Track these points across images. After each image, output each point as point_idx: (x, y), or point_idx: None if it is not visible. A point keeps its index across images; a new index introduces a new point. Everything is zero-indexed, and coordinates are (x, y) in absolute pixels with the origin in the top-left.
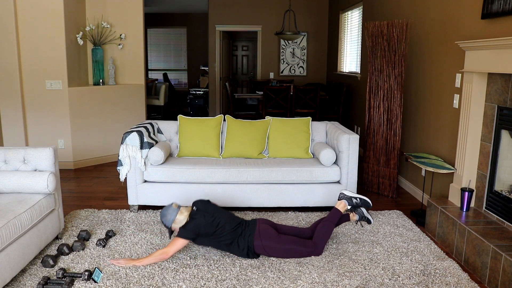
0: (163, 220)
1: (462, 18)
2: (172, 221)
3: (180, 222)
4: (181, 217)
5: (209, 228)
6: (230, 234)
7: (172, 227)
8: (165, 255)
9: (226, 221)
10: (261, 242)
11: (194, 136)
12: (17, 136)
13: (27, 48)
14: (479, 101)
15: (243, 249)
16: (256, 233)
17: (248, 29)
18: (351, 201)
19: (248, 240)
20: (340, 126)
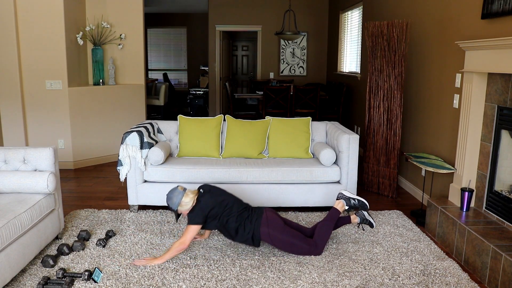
0: (169, 203)
1: (462, 18)
2: (178, 204)
3: (186, 205)
4: (187, 199)
5: (217, 209)
6: (237, 216)
7: (178, 210)
8: (183, 245)
9: (234, 203)
10: (267, 230)
11: (194, 136)
12: (17, 136)
13: (27, 48)
14: (479, 101)
15: (248, 233)
16: (263, 220)
17: (248, 29)
18: (349, 201)
19: (255, 225)
20: (340, 126)
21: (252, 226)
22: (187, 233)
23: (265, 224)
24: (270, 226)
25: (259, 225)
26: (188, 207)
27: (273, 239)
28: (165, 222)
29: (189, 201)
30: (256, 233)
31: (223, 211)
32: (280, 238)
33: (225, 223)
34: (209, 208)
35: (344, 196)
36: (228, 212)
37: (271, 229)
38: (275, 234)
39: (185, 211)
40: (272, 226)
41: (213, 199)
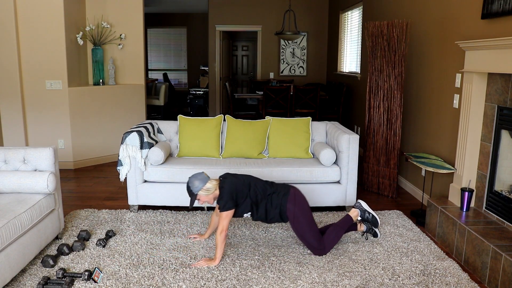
0: (191, 185)
1: (462, 18)
2: (200, 188)
3: (207, 190)
4: (210, 185)
5: (242, 188)
6: (263, 192)
7: (198, 194)
8: (224, 232)
9: (256, 181)
10: (293, 208)
11: (194, 136)
12: (17, 136)
13: (27, 48)
14: (479, 101)
15: (276, 208)
16: (290, 196)
17: (248, 29)
18: (364, 214)
19: (282, 200)
20: (340, 126)
21: (279, 201)
22: (223, 220)
23: (292, 201)
24: (297, 205)
25: (286, 201)
26: (209, 193)
27: (295, 219)
28: (165, 222)
29: (212, 187)
30: (283, 209)
31: (248, 189)
32: (301, 221)
33: (255, 201)
34: (235, 189)
35: (361, 206)
36: (254, 190)
37: (297, 208)
38: (298, 214)
39: (203, 197)
40: (299, 206)
41: (235, 180)
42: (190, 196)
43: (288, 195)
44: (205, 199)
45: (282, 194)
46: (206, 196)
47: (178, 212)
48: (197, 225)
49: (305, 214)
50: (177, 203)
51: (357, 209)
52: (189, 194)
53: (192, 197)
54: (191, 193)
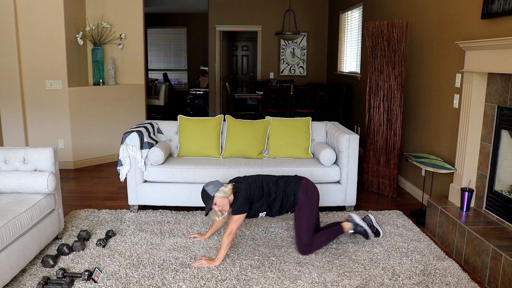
0: (207, 189)
1: (462, 18)
2: (217, 190)
3: (224, 192)
4: (226, 188)
5: (257, 191)
6: (276, 189)
7: (215, 196)
8: (231, 236)
9: (268, 179)
10: (304, 198)
11: (194, 136)
12: (17, 136)
13: (27, 48)
14: (479, 101)
15: (291, 196)
16: (303, 185)
17: (248, 29)
18: (356, 227)
19: (295, 188)
20: (340, 126)
21: (293, 189)
22: (233, 223)
23: (304, 191)
24: (308, 196)
25: (298, 189)
26: (226, 195)
27: (301, 208)
28: (165, 222)
29: (228, 190)
30: (296, 198)
31: (263, 190)
32: (305, 213)
33: (270, 200)
34: (250, 193)
35: (353, 221)
36: (267, 190)
37: (307, 199)
38: (306, 205)
39: (220, 200)
40: (309, 197)
41: (249, 184)
42: (206, 202)
43: (300, 183)
44: (221, 202)
45: (294, 182)
46: (223, 199)
47: (178, 212)
48: (197, 225)
49: (311, 206)
50: (177, 203)
51: (351, 224)
52: (205, 199)
53: (209, 200)
54: (207, 196)
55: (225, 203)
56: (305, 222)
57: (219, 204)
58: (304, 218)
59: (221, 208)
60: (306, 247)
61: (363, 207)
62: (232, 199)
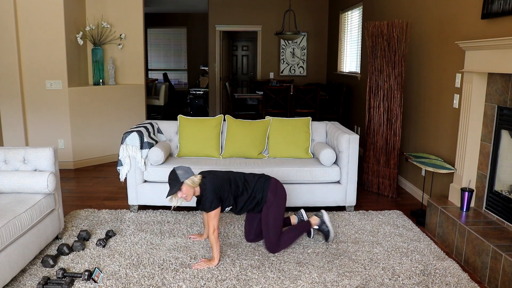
0: (178, 173)
1: (462, 18)
2: (187, 178)
3: (193, 182)
4: (196, 179)
5: (223, 184)
6: (244, 184)
7: (184, 183)
8: (216, 231)
9: (236, 174)
10: (273, 197)
11: (194, 136)
12: (17, 136)
13: (27, 48)
14: (479, 101)
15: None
16: (272, 185)
17: (248, 29)
18: (322, 225)
19: (264, 187)
20: (340, 126)
21: (261, 189)
22: (212, 219)
23: (274, 191)
24: (277, 195)
25: (267, 188)
26: (193, 186)
27: (270, 209)
28: (165, 222)
29: (197, 181)
30: (264, 197)
31: (230, 184)
32: (273, 212)
33: (236, 195)
34: (217, 186)
35: (322, 218)
36: (236, 183)
37: (276, 198)
38: (274, 206)
39: (186, 188)
40: (278, 197)
41: (215, 178)
42: (172, 186)
43: (269, 182)
44: (187, 191)
45: (263, 180)
46: (189, 188)
47: (178, 212)
48: (197, 225)
49: (279, 206)
50: None
51: (319, 219)
52: (172, 182)
53: (177, 185)
54: (176, 180)
55: (190, 192)
56: (273, 221)
57: (184, 192)
58: (272, 218)
59: (184, 196)
60: (274, 246)
61: (363, 207)
62: (198, 191)
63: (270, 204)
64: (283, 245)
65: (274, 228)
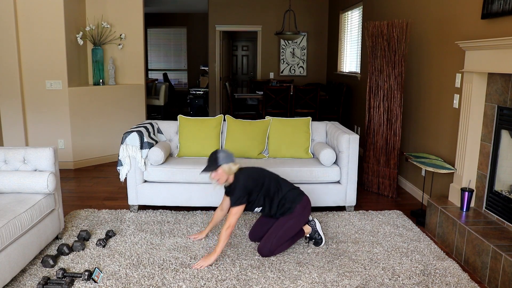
0: (219, 156)
1: (462, 18)
2: (226, 163)
3: (229, 169)
4: (234, 167)
5: (257, 183)
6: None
7: (221, 166)
8: (230, 229)
9: (270, 176)
10: (300, 212)
11: (194, 136)
12: (17, 136)
13: (27, 48)
14: (479, 101)
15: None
16: (304, 200)
17: (248, 29)
18: (314, 233)
19: (297, 198)
20: (340, 126)
21: (293, 199)
22: (232, 216)
23: (303, 206)
24: (303, 212)
25: (299, 201)
26: (229, 173)
27: (289, 220)
28: (165, 222)
29: (233, 169)
30: (292, 208)
31: (262, 184)
32: (290, 225)
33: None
34: (250, 183)
35: (314, 227)
36: (268, 184)
37: (301, 214)
38: (295, 220)
39: (221, 172)
40: (303, 214)
41: (251, 174)
42: (209, 165)
43: (303, 197)
44: (221, 175)
45: (297, 193)
46: (224, 173)
47: (178, 212)
48: (197, 225)
49: (300, 222)
50: (177, 203)
51: (311, 227)
52: (211, 161)
53: (213, 166)
54: (215, 160)
55: (223, 177)
56: (285, 231)
57: (218, 175)
58: (287, 228)
59: (217, 179)
60: (269, 252)
61: (363, 207)
62: (231, 179)
63: (293, 216)
64: (276, 253)
65: (282, 237)
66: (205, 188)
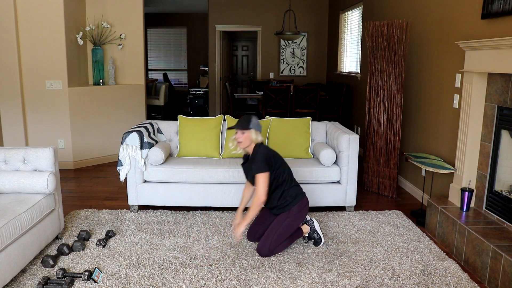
0: (251, 120)
1: (462, 18)
2: (254, 129)
3: (256, 135)
4: (259, 138)
5: (275, 160)
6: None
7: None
8: (261, 198)
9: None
10: (296, 213)
11: (194, 136)
12: (17, 136)
13: (27, 48)
14: (479, 101)
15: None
16: (303, 201)
17: (248, 29)
18: (313, 233)
19: (297, 197)
20: (340, 126)
21: (293, 197)
22: (259, 184)
23: (301, 207)
24: (300, 213)
25: (298, 201)
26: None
27: (288, 219)
28: (165, 222)
29: (258, 138)
30: (290, 205)
31: (279, 167)
32: (290, 223)
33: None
34: (270, 155)
35: (313, 226)
36: (282, 171)
37: (297, 215)
38: (291, 219)
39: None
40: (299, 215)
41: (272, 152)
42: (240, 123)
43: (303, 197)
44: (245, 138)
45: (299, 192)
46: (248, 138)
47: (178, 212)
48: (197, 225)
49: (297, 220)
50: (177, 203)
51: (309, 227)
52: (242, 122)
53: (244, 126)
54: (246, 122)
55: (246, 141)
56: (283, 230)
57: (243, 137)
58: (286, 226)
59: (240, 140)
60: (268, 252)
61: (363, 207)
62: (251, 149)
63: (291, 215)
64: (275, 252)
65: (280, 235)
66: (205, 188)
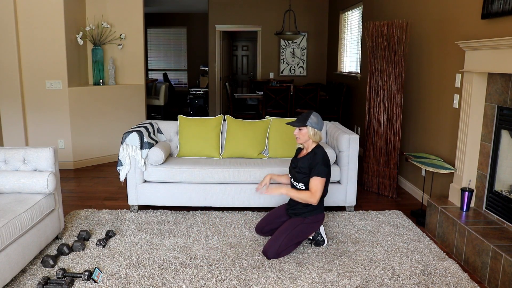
0: (311, 116)
1: (462, 18)
2: (313, 126)
3: (315, 133)
4: (317, 136)
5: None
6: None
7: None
8: (313, 199)
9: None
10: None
11: (194, 136)
12: (17, 136)
13: (27, 48)
14: (479, 101)
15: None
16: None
17: (248, 29)
18: (317, 236)
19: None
20: (340, 126)
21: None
22: (317, 187)
23: (318, 219)
24: (312, 225)
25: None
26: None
27: (302, 225)
28: (165, 222)
29: (317, 136)
30: (307, 214)
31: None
32: (304, 229)
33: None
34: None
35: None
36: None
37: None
38: (302, 227)
39: (305, 132)
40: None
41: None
42: (299, 119)
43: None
44: (303, 135)
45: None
46: (307, 134)
47: (178, 212)
48: (197, 225)
49: (308, 230)
50: (177, 203)
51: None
52: (301, 117)
53: (301, 122)
54: (304, 120)
55: (304, 138)
56: (292, 236)
57: (301, 133)
58: (295, 232)
59: (297, 136)
60: (275, 255)
61: (363, 207)
62: (310, 147)
63: (305, 222)
64: (281, 256)
65: (291, 239)
66: (205, 188)
